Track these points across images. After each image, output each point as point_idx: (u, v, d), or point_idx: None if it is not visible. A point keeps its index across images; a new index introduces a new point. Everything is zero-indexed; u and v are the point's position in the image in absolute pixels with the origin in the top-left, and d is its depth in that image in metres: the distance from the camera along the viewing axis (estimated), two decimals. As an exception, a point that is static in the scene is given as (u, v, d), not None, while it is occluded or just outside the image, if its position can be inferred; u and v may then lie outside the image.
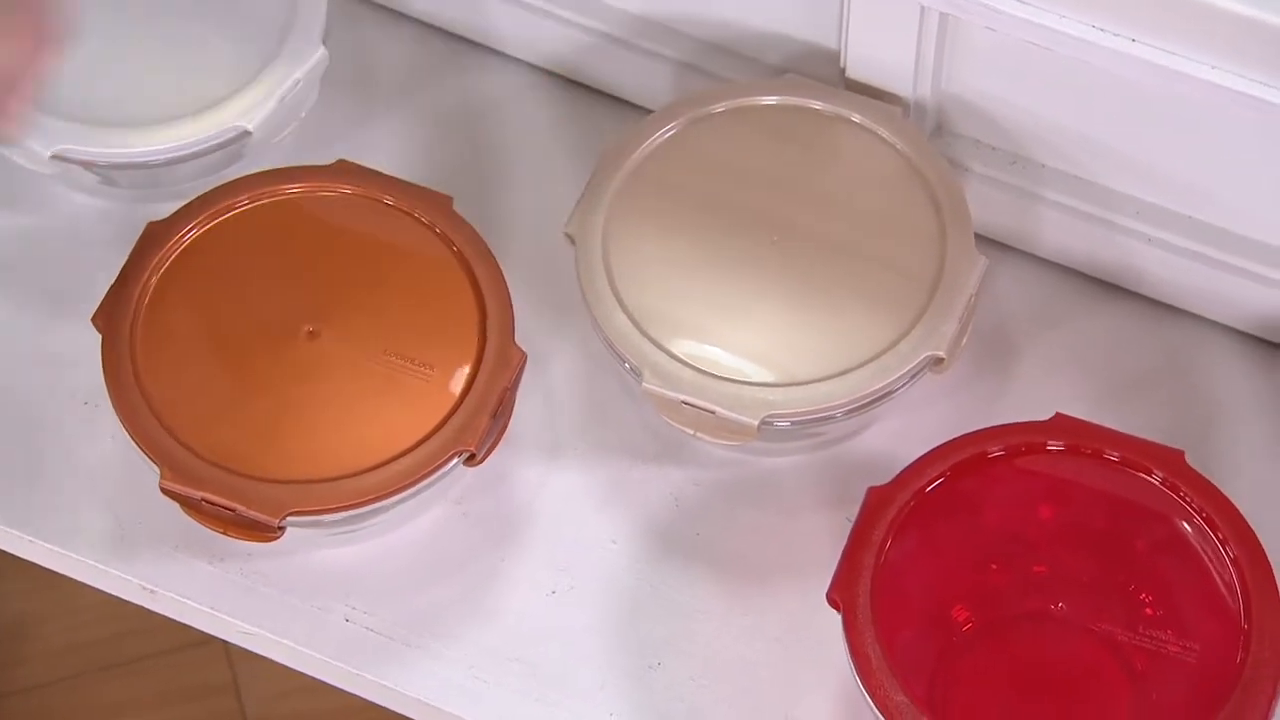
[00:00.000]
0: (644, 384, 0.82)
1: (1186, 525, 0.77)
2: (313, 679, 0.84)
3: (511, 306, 0.84)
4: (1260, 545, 0.75)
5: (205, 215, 0.86)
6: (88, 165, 0.90)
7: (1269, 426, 0.85)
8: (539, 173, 0.94)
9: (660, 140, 0.87)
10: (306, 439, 0.81)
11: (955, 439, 0.79)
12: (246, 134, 0.89)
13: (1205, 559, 0.76)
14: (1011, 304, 0.89)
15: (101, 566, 0.85)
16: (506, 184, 0.93)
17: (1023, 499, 0.79)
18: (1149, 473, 0.77)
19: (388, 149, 0.93)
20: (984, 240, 0.87)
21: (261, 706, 1.29)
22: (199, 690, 1.31)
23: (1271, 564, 0.75)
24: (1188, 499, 0.77)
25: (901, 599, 0.77)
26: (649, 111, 0.90)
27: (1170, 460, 0.77)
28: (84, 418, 0.87)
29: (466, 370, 0.82)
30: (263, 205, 0.86)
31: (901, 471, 0.78)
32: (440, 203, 0.87)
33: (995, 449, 0.78)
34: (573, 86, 0.97)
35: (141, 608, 0.86)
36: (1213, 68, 0.75)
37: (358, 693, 0.84)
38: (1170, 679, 0.76)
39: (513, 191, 0.93)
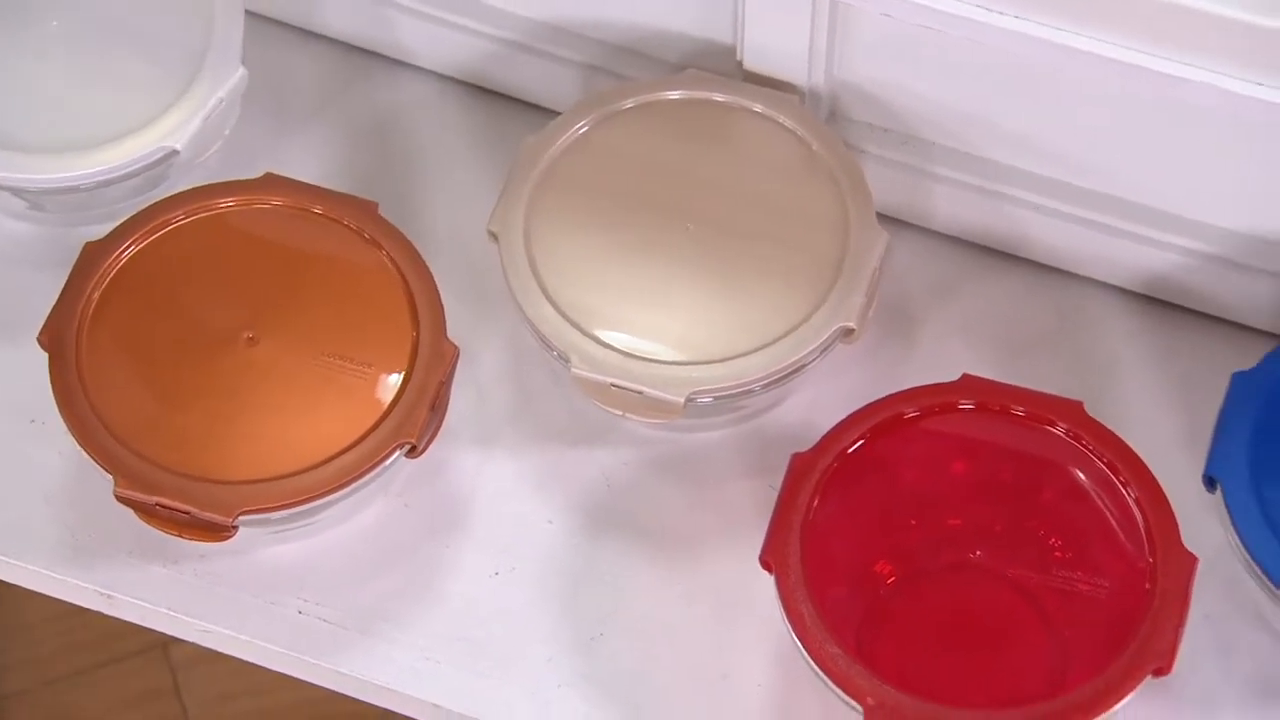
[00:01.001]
0: (572, 370, 0.86)
1: (1089, 471, 0.82)
2: (252, 680, 0.88)
3: (441, 303, 0.88)
4: (1159, 485, 0.80)
5: (141, 233, 0.89)
6: (17, 192, 0.93)
7: (1156, 376, 0.90)
8: (457, 176, 0.97)
9: (573, 138, 0.92)
10: (253, 440, 0.85)
11: (871, 403, 0.83)
12: (174, 154, 0.92)
13: (1109, 501, 0.81)
14: (912, 276, 0.94)
15: (58, 576, 0.87)
16: (427, 188, 0.97)
17: (936, 456, 0.84)
18: (1052, 424, 0.83)
19: (310, 161, 0.97)
20: (883, 218, 0.91)
21: (204, 709, 1.32)
22: (142, 697, 1.34)
23: (1170, 501, 0.81)
24: (1089, 446, 0.82)
25: (828, 558, 0.81)
26: (558, 114, 0.94)
27: (1071, 411, 0.83)
28: (31, 435, 0.90)
29: (403, 367, 0.86)
30: (196, 220, 0.89)
31: (822, 437, 0.83)
32: (366, 209, 0.90)
33: (909, 410, 0.83)
34: (483, 93, 1.01)
35: (81, 621, 0.89)
36: (1095, 40, 0.80)
37: (314, 681, 0.87)
38: (1083, 617, 0.81)
39: (433, 195, 0.97)
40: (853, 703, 0.77)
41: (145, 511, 0.84)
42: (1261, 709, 0.82)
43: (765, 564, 0.81)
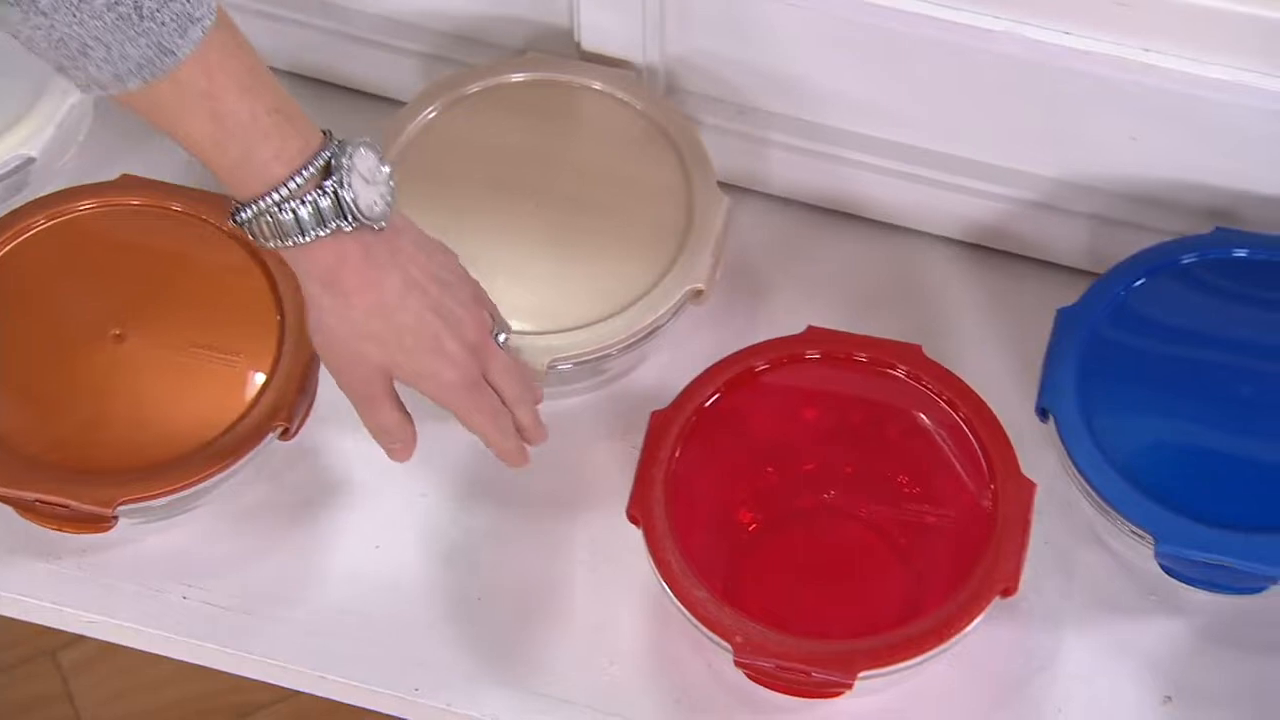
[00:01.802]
0: (437, 346, 0.90)
1: (931, 409, 0.87)
2: (144, 677, 0.90)
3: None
4: (996, 418, 0.85)
5: (4, 238, 0.91)
6: (-125, 207, 0.94)
7: (987, 318, 0.95)
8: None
9: (422, 124, 0.95)
10: (129, 432, 0.87)
11: (724, 359, 0.88)
12: (30, 160, 0.94)
13: (950, 437, 0.86)
14: (755, 239, 0.99)
15: (-61, 581, 0.89)
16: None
17: (788, 405, 0.88)
18: (893, 367, 0.87)
19: (165, 162, 0.98)
20: (723, 185, 0.95)
21: (97, 710, 1.33)
22: (33, 703, 1.35)
23: (1007, 433, 0.86)
24: (929, 386, 0.87)
25: (692, 508, 0.85)
26: (404, 104, 0.97)
27: (910, 354, 0.87)
28: (-97, 444, 0.92)
29: (270, 353, 0.89)
30: (58, 223, 0.91)
31: (679, 394, 0.87)
32: (223, 203, 0.92)
33: (759, 364, 0.87)
34: (326, 87, 1.03)
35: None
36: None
37: (203, 663, 0.90)
38: (933, 546, 0.86)
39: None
40: (722, 642, 0.82)
41: (25, 508, 0.86)
42: (1101, 622, 0.87)
43: (632, 518, 0.85)
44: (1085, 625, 0.87)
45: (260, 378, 0.88)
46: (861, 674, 0.80)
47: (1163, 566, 0.83)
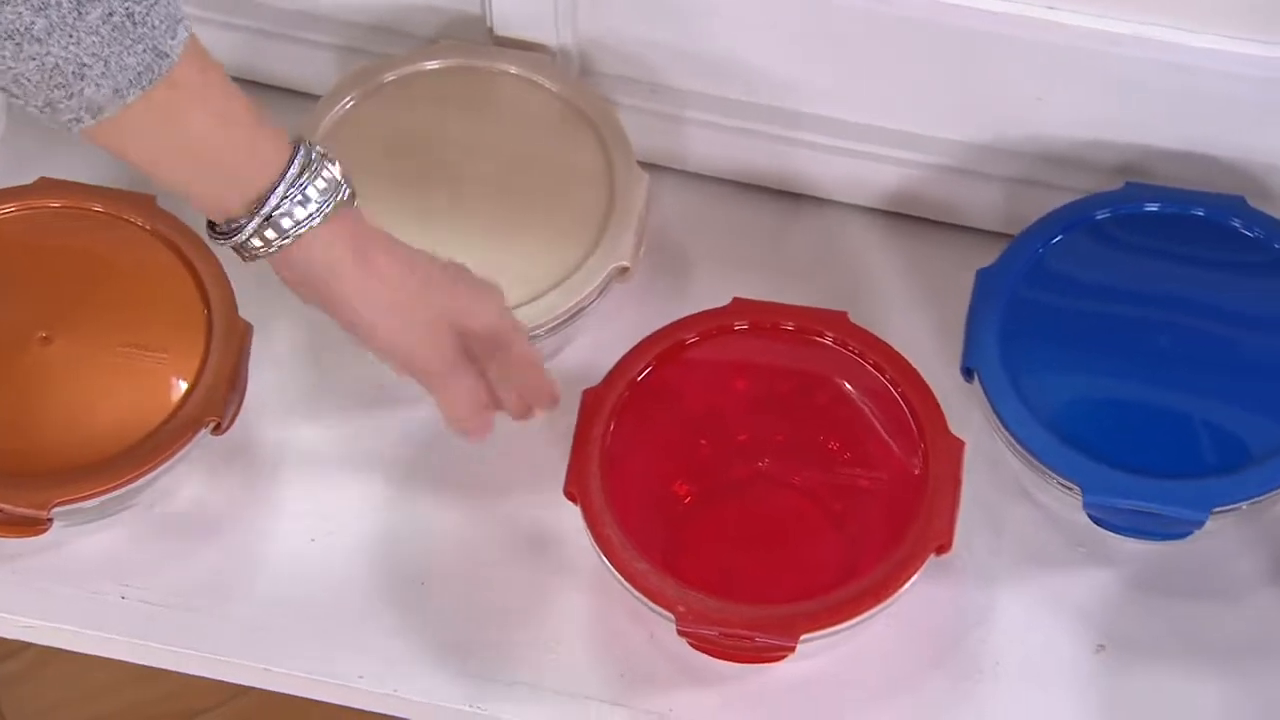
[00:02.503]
0: (366, 334, 0.90)
1: (858, 374, 0.88)
2: (78, 689, 0.89)
3: (229, 283, 0.91)
4: (922, 379, 0.87)
5: (-77, 247, 0.90)
6: None
7: (908, 284, 0.97)
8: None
9: (340, 114, 0.95)
10: (61, 434, 0.87)
11: (653, 333, 0.88)
12: (-55, 167, 0.93)
13: (879, 400, 0.88)
14: (676, 217, 1.00)
15: (-128, 593, 0.89)
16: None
17: (718, 377, 0.89)
18: (821, 335, 0.88)
19: (80, 164, 0.98)
20: (642, 164, 0.96)
21: (31, 723, 1.32)
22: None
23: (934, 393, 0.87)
24: (856, 351, 0.88)
25: (628, 483, 0.86)
26: (320, 97, 0.97)
27: (836, 321, 0.89)
28: None
29: (199, 348, 0.89)
30: (-23, 229, 0.91)
31: (610, 370, 0.88)
32: (144, 202, 0.93)
33: (689, 337, 0.88)
34: (242, 85, 1.02)
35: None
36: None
37: (145, 662, 0.90)
38: (867, 509, 0.87)
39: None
40: (665, 613, 0.82)
41: (-41, 515, 0.86)
42: (1033, 576, 0.89)
43: (570, 495, 0.86)
44: (1017, 580, 0.89)
45: (190, 374, 0.88)
46: (803, 636, 0.81)
47: (1091, 517, 0.85)
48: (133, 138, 0.73)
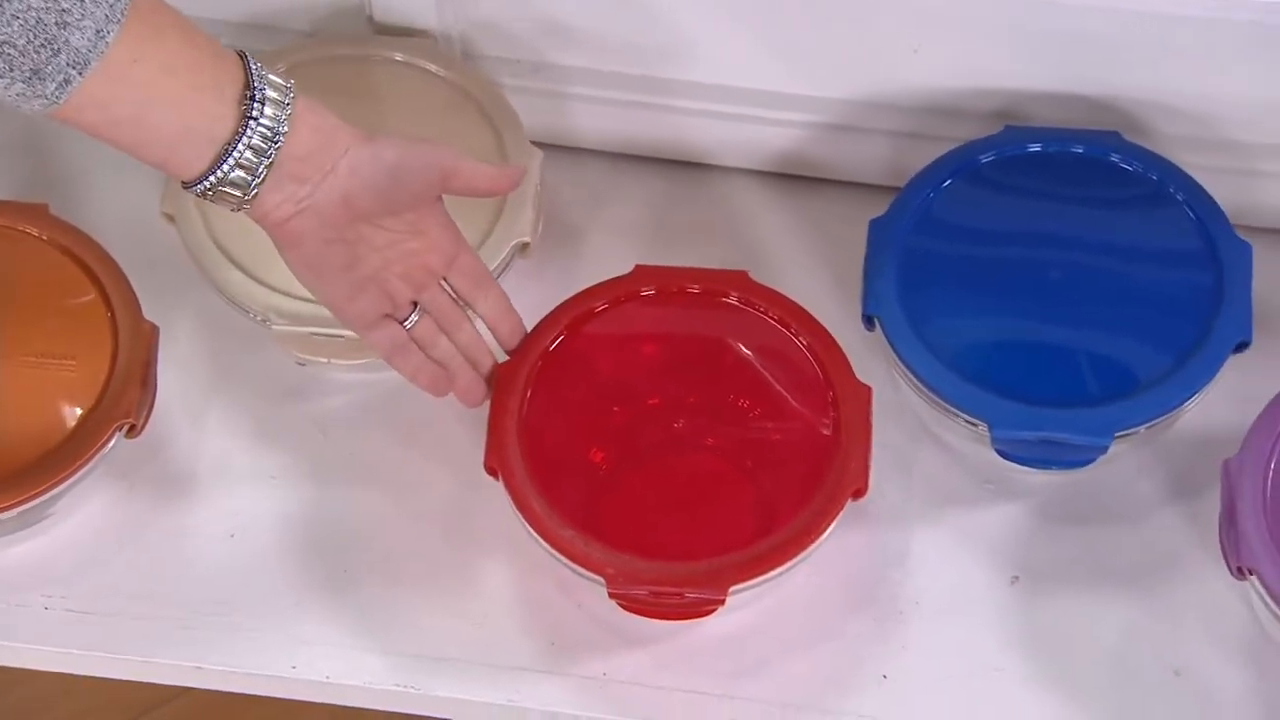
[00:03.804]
0: (274, 327, 0.90)
1: (764, 330, 0.90)
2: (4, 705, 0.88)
3: (131, 285, 0.90)
4: (826, 330, 0.89)
5: None
6: None
7: (800, 242, 0.99)
8: (115, 172, 0.99)
9: (228, 112, 0.95)
10: (-28, 447, 0.86)
11: (562, 304, 0.90)
12: None
13: (785, 354, 0.89)
14: (566, 194, 1.01)
15: None
16: (87, 187, 0.99)
17: (628, 343, 0.91)
18: (725, 295, 0.90)
19: (-35, 177, 0.98)
20: (532, 143, 0.98)
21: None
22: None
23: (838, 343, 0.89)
24: (760, 308, 0.90)
25: (547, 453, 0.87)
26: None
27: (738, 280, 0.90)
28: None
29: (107, 352, 0.89)
30: None
31: (521, 342, 0.89)
32: (37, 211, 0.92)
33: (599, 304, 0.89)
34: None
35: None
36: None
37: (74, 671, 0.89)
38: (782, 461, 0.89)
39: (95, 193, 0.99)
40: (595, 576, 0.84)
41: (-124, 537, 0.85)
42: (945, 515, 0.91)
43: (491, 469, 0.87)
44: (930, 520, 0.91)
45: (101, 378, 0.88)
46: (732, 588, 0.83)
47: (999, 451, 0.87)
48: (118, 87, 0.75)
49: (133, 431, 0.88)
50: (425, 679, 0.87)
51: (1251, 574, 0.83)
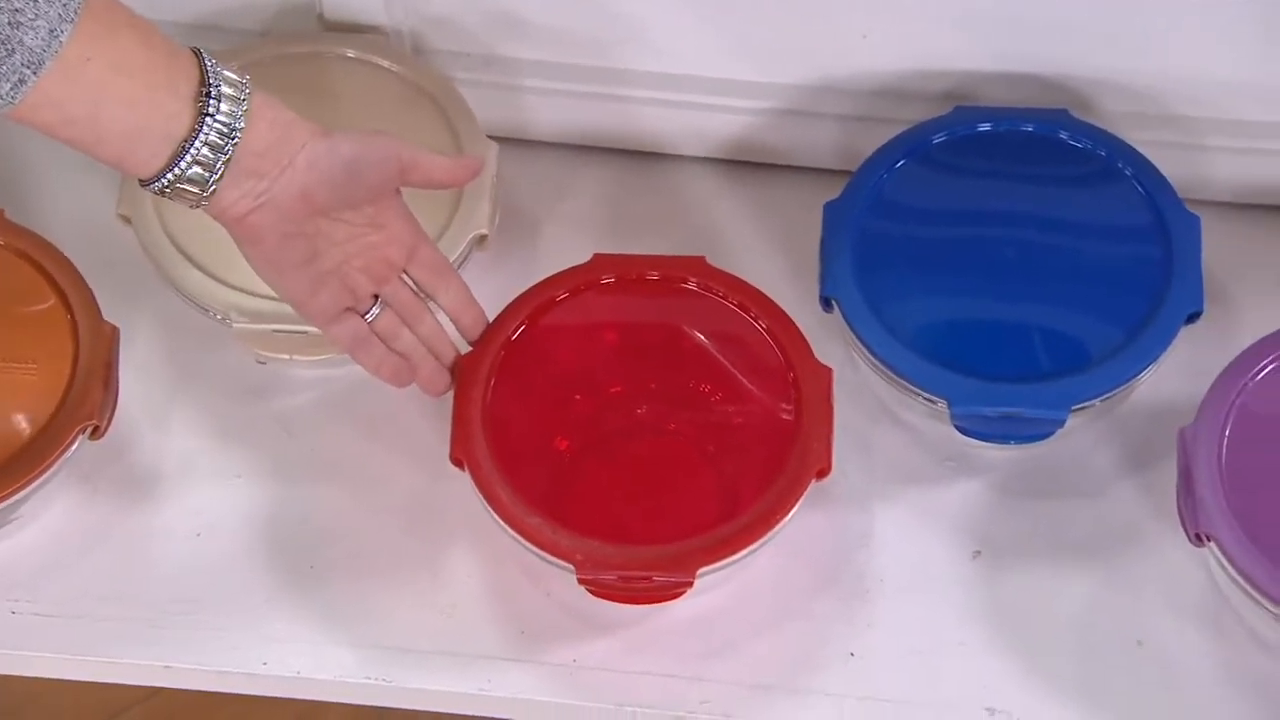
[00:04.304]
0: (235, 325, 0.90)
1: (723, 315, 0.90)
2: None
3: (89, 288, 0.90)
4: (785, 313, 0.89)
5: None
6: None
7: (755, 229, 1.00)
8: (69, 175, 1.00)
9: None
10: (-64, 453, 0.86)
11: (522, 294, 0.90)
12: None
13: (745, 338, 0.90)
14: (521, 187, 1.01)
15: None
16: (41, 191, 0.99)
17: (590, 332, 0.91)
18: (685, 280, 0.91)
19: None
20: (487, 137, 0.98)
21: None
22: None
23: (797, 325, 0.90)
24: (719, 293, 0.90)
25: (511, 442, 0.88)
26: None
27: (696, 266, 0.91)
28: None
29: (68, 355, 0.88)
30: None
31: (484, 332, 0.89)
32: (-7, 219, 0.92)
33: (559, 293, 0.90)
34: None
35: None
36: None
37: (45, 674, 0.89)
38: (744, 444, 0.90)
39: (49, 196, 0.99)
40: (563, 563, 0.84)
41: None
42: (906, 494, 0.92)
43: (456, 460, 0.87)
44: (892, 499, 0.92)
45: (63, 381, 0.88)
46: (700, 570, 0.84)
47: (958, 427, 0.88)
48: (73, 86, 0.74)
49: (96, 433, 0.88)
50: (396, 671, 0.88)
51: (1210, 540, 0.84)
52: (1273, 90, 0.93)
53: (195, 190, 0.79)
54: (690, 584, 0.84)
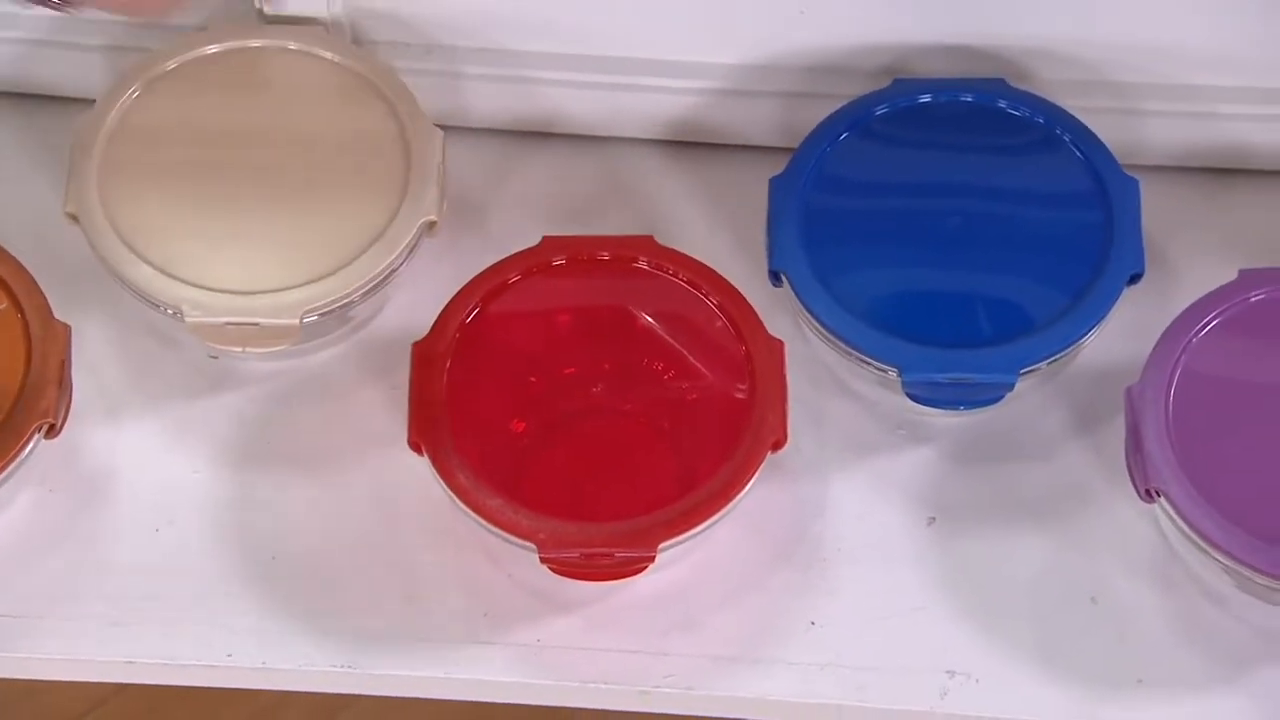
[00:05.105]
0: (188, 319, 0.90)
1: (674, 292, 0.91)
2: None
3: (39, 287, 0.90)
4: (735, 287, 0.90)
5: None
6: None
7: (701, 209, 1.00)
8: (11, 176, 0.99)
9: (121, 112, 0.95)
10: (-108, 458, 0.85)
11: (475, 277, 0.91)
12: None
13: (696, 314, 0.91)
14: (465, 174, 1.01)
15: None
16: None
17: (543, 313, 0.92)
18: (635, 260, 0.91)
19: None
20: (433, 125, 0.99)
21: None
22: None
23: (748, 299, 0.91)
24: (670, 270, 0.91)
25: (468, 427, 0.88)
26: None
27: (646, 245, 0.92)
28: None
29: (20, 353, 0.88)
30: None
31: (438, 317, 0.90)
32: (-62, 219, 0.92)
33: (511, 276, 0.91)
34: (23, 99, 1.02)
35: None
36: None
37: (4, 675, 0.89)
38: (700, 420, 0.91)
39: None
40: (525, 543, 0.85)
41: None
42: (859, 464, 0.93)
43: (415, 446, 0.87)
44: (846, 470, 0.93)
45: (16, 380, 0.87)
46: (661, 545, 0.85)
47: (910, 394, 0.89)
48: None
49: (52, 432, 0.88)
50: (361, 658, 0.88)
51: (1160, 495, 0.86)
52: (1208, 53, 0.95)
53: None
54: (652, 559, 0.85)
